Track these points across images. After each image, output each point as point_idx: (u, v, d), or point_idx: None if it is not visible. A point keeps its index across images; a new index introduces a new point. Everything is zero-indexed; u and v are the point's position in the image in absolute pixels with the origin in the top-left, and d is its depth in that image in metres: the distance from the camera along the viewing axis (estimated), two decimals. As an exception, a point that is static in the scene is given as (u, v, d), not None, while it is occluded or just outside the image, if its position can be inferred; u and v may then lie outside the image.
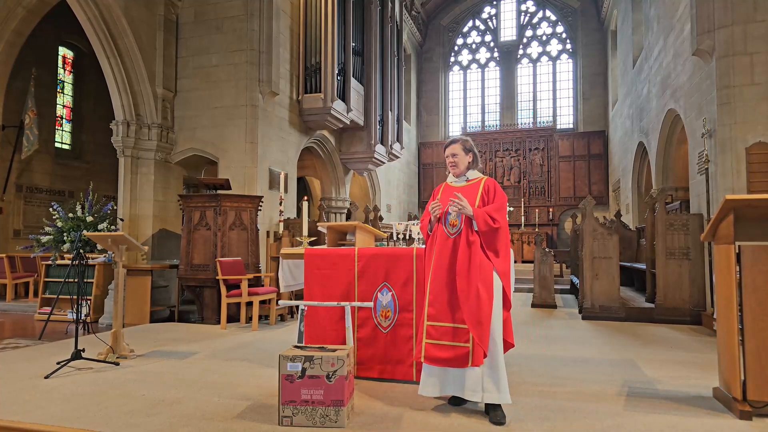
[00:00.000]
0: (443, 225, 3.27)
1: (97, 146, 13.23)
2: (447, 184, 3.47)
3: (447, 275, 3.16)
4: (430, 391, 3.19)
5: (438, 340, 3.12)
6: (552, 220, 18.03)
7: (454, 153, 3.38)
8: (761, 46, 6.13)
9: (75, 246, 5.60)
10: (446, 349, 3.07)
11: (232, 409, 3.23)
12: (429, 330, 3.16)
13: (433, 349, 3.12)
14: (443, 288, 3.16)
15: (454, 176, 3.44)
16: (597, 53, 18.11)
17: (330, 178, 12.73)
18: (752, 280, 3.12)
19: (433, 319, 3.16)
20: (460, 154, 3.37)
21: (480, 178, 3.40)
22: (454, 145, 3.40)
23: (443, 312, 3.13)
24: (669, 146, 9.75)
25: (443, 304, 3.14)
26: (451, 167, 3.42)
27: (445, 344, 3.08)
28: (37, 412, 3.17)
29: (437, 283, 3.20)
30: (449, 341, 3.08)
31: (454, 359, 3.04)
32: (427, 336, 3.16)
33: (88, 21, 7.76)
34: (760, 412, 3.04)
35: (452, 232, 3.22)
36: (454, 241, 3.19)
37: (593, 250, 7.18)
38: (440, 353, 3.08)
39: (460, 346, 3.04)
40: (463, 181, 3.41)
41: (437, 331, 3.13)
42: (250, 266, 7.07)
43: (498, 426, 2.94)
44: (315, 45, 10.13)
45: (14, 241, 10.84)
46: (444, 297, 3.15)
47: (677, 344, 5.43)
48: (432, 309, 3.18)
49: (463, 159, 3.38)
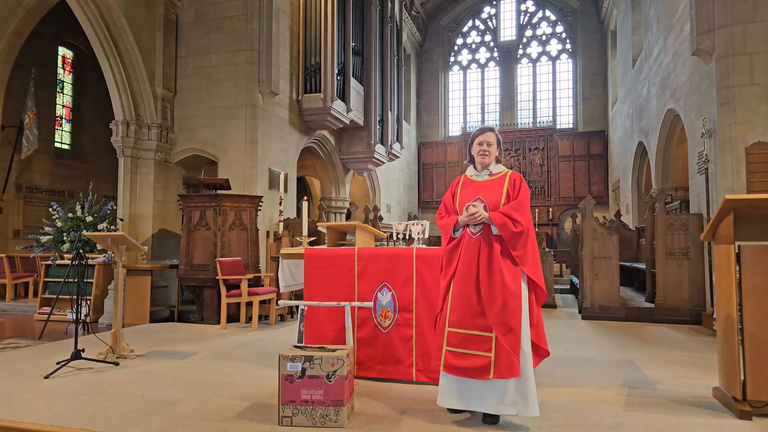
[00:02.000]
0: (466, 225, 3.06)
1: (97, 146, 13.23)
2: (467, 178, 3.22)
3: (470, 278, 2.96)
4: (451, 403, 2.99)
5: (457, 347, 2.94)
6: (552, 220, 18.03)
7: (489, 141, 3.13)
8: (761, 46, 6.14)
9: (75, 246, 5.60)
10: (465, 357, 2.89)
11: (232, 409, 3.23)
12: (450, 336, 2.97)
13: (452, 357, 2.93)
14: (466, 292, 2.96)
15: (480, 167, 3.17)
16: (597, 53, 18.10)
17: (330, 178, 12.73)
18: (752, 280, 3.12)
19: (453, 324, 2.97)
20: (494, 144, 3.14)
21: (505, 171, 3.15)
22: (490, 133, 3.15)
23: (464, 317, 2.94)
24: (669, 146, 9.75)
25: (465, 308, 2.95)
26: (480, 156, 3.14)
27: (464, 352, 2.90)
28: (37, 412, 3.17)
29: (460, 286, 2.99)
30: (467, 349, 2.90)
31: (472, 369, 2.86)
32: (448, 343, 2.97)
33: (88, 21, 7.76)
34: (760, 412, 3.04)
35: (474, 232, 3.01)
36: (477, 242, 2.99)
37: (593, 250, 7.18)
38: (459, 362, 2.90)
39: (479, 356, 2.86)
40: (485, 175, 3.15)
41: (456, 338, 2.95)
42: (250, 266, 7.07)
43: (492, 425, 2.94)
44: (315, 45, 10.13)
45: (14, 241, 10.84)
46: (466, 301, 2.95)
47: (677, 344, 5.43)
48: (454, 315, 2.98)
49: (495, 150, 3.14)
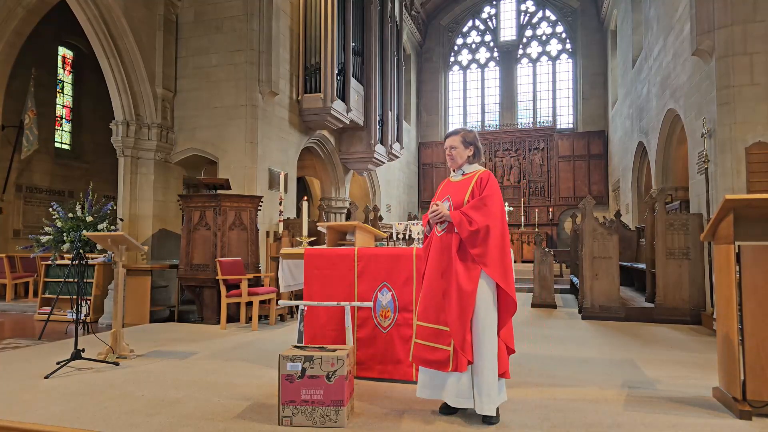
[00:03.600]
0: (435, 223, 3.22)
1: (97, 146, 13.23)
2: (448, 180, 3.35)
3: (436, 275, 3.10)
4: (424, 393, 3.12)
5: (424, 340, 3.08)
6: (552, 220, 18.03)
7: (452, 146, 3.23)
8: (761, 46, 6.14)
9: (75, 246, 5.60)
10: (431, 350, 3.03)
11: (232, 409, 3.23)
12: (418, 329, 3.14)
13: (420, 349, 3.09)
14: (431, 288, 3.11)
15: (452, 169, 3.31)
16: (597, 53, 18.11)
17: (330, 178, 12.73)
18: (752, 280, 3.12)
19: (420, 318, 3.13)
20: (458, 147, 3.22)
21: (475, 171, 3.22)
22: (453, 137, 3.24)
23: (429, 312, 3.08)
24: (669, 146, 9.75)
25: (430, 304, 3.09)
26: (448, 160, 3.27)
27: (430, 345, 3.04)
28: (37, 412, 3.17)
29: (427, 282, 3.15)
30: (433, 342, 3.03)
31: (437, 362, 2.99)
32: (417, 335, 3.14)
33: (88, 21, 7.76)
34: (760, 412, 3.04)
35: (440, 231, 3.16)
36: (442, 240, 3.12)
37: (593, 250, 7.18)
38: (426, 354, 3.05)
39: (442, 349, 2.99)
40: (459, 176, 3.26)
41: (424, 332, 3.09)
42: (250, 266, 7.07)
43: (490, 425, 2.93)
44: (315, 45, 10.13)
45: (14, 241, 10.84)
46: (431, 297, 3.09)
47: (677, 344, 5.43)
48: (420, 307, 3.15)
49: (462, 152, 3.22)
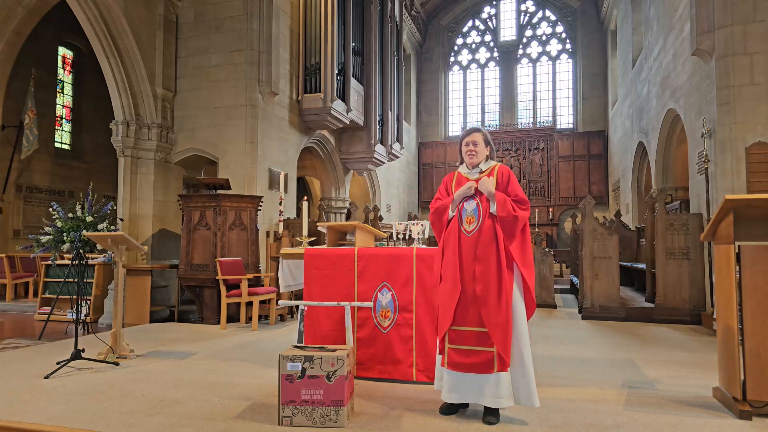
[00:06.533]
0: (459, 222, 3.16)
1: (97, 146, 13.23)
2: (460, 174, 3.32)
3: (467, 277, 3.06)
4: (452, 397, 3.06)
5: (462, 344, 3.03)
6: (552, 220, 18.03)
7: (475, 141, 3.25)
8: (761, 46, 6.14)
9: (75, 246, 5.60)
10: (470, 354, 2.99)
11: (232, 409, 3.23)
12: (452, 334, 3.07)
13: (457, 354, 3.03)
14: (463, 290, 3.06)
15: (470, 166, 3.29)
16: (597, 53, 18.11)
17: (330, 178, 12.73)
18: (752, 280, 3.12)
19: (458, 323, 3.06)
20: (480, 144, 3.25)
21: (492, 166, 3.27)
22: (476, 133, 3.27)
23: (468, 315, 3.03)
24: (669, 146, 9.75)
25: (466, 307, 3.04)
26: (468, 156, 3.27)
27: (469, 349, 3.00)
28: (37, 412, 3.17)
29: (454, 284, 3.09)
30: (473, 346, 3.00)
31: (478, 365, 2.97)
32: (451, 341, 3.07)
33: (88, 21, 7.76)
34: (760, 412, 3.05)
35: (469, 230, 3.11)
36: (474, 240, 3.08)
37: (593, 250, 7.18)
38: (463, 359, 3.00)
39: (485, 351, 2.97)
40: (476, 173, 3.25)
41: (460, 335, 3.04)
42: (250, 266, 7.07)
43: (491, 425, 2.94)
44: (315, 45, 10.13)
45: (14, 241, 10.84)
46: (464, 300, 3.05)
47: (677, 344, 5.43)
48: (449, 312, 3.07)
49: (482, 150, 3.26)
